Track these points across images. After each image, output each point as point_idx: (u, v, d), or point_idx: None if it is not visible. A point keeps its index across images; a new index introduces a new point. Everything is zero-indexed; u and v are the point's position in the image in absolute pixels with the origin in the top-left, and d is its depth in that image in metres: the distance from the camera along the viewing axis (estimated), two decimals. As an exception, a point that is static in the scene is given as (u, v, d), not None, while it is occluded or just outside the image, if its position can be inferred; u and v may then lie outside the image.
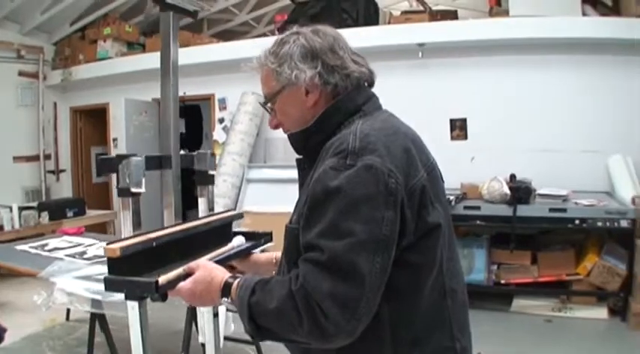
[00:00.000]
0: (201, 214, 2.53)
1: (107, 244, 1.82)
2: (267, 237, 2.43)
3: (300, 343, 1.62)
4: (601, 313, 6.48)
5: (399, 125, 1.81)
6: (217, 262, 2.04)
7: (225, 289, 1.75)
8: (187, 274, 1.89)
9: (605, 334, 6.20)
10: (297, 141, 1.88)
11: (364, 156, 1.58)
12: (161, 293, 1.84)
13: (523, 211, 6.48)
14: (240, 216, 2.57)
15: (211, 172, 2.61)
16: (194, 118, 12.04)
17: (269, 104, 1.92)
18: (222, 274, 1.83)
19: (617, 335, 6.06)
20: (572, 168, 7.56)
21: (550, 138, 7.74)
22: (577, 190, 7.17)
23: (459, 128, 8.06)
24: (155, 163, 2.28)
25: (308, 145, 1.86)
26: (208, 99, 9.76)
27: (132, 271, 1.83)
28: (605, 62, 7.66)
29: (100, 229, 8.72)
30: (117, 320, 4.17)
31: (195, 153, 2.54)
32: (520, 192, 6.56)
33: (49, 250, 5.06)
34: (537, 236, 7.03)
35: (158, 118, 10.17)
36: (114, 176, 2.47)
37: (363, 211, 1.53)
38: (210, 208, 2.61)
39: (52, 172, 11.00)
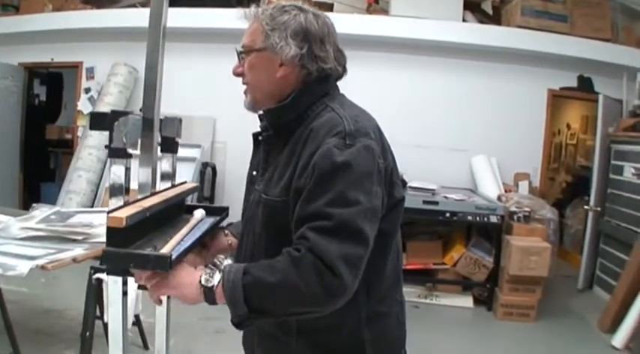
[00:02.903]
0: (164, 185, 2.45)
1: (109, 212, 1.69)
2: (227, 211, 2.41)
3: (296, 315, 1.70)
4: (466, 301, 6.88)
5: (366, 111, 1.96)
6: (198, 238, 2.02)
7: (206, 274, 1.68)
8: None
9: (472, 322, 6.59)
10: (275, 116, 1.93)
11: (360, 137, 1.73)
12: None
13: (398, 202, 6.65)
14: (197, 188, 2.55)
15: (178, 140, 2.54)
16: (54, 87, 11.54)
17: (243, 54, 1.97)
18: (197, 273, 1.73)
19: (483, 324, 6.47)
20: (440, 164, 8.02)
21: (421, 135, 8.15)
22: (444, 185, 7.57)
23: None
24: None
25: (280, 121, 1.93)
26: (76, 67, 9.38)
27: (125, 244, 1.69)
28: (479, 68, 8.21)
29: None
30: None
31: (162, 118, 2.46)
32: (396, 184, 6.74)
33: None
34: (404, 226, 7.21)
35: (23, 84, 9.84)
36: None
37: (366, 184, 1.69)
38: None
39: None
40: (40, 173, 10.76)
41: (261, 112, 2.01)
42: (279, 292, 1.61)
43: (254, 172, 2.04)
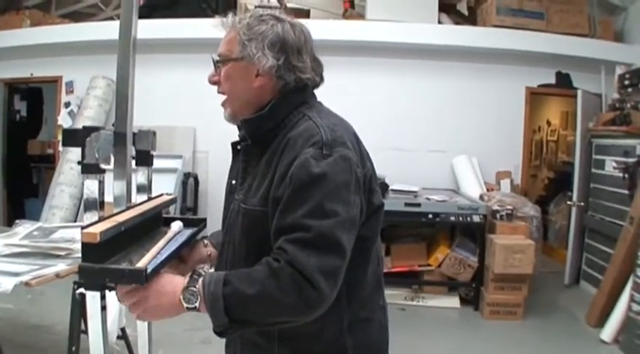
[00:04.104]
0: (140, 198, 2.44)
1: (83, 228, 1.68)
2: (204, 222, 2.38)
3: (277, 324, 1.71)
4: (453, 302, 6.90)
5: (343, 119, 1.97)
6: (175, 250, 2.02)
7: (189, 292, 1.68)
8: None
9: (459, 322, 6.59)
10: (253, 126, 1.93)
11: (337, 147, 1.73)
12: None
13: (380, 205, 6.64)
14: (174, 201, 2.54)
15: (152, 153, 2.52)
16: (35, 102, 11.50)
17: (219, 63, 1.96)
18: (177, 280, 1.75)
19: (471, 324, 6.47)
20: (421, 166, 8.06)
21: (401, 137, 8.20)
22: (426, 187, 7.58)
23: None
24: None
25: (259, 131, 1.92)
26: (55, 81, 9.36)
27: (100, 259, 1.69)
28: (456, 69, 8.26)
29: None
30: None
31: (136, 131, 2.45)
32: (377, 187, 6.73)
33: None
34: (388, 229, 7.28)
35: (3, 100, 9.91)
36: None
37: (343, 194, 1.69)
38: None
39: None
40: (24, 189, 10.75)
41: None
42: (258, 303, 1.62)
43: (233, 182, 2.04)
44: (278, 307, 1.62)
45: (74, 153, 8.17)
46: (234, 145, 2.06)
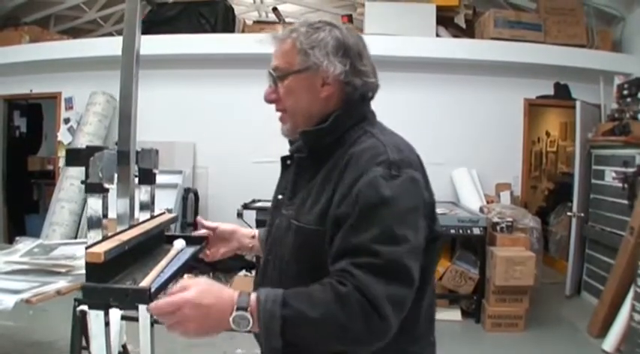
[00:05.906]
0: (142, 215, 2.43)
1: (87, 248, 1.66)
2: (206, 240, 2.33)
3: (334, 351, 1.61)
4: (454, 315, 6.86)
5: (405, 139, 1.88)
6: (178, 269, 1.98)
7: (239, 317, 1.55)
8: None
9: (461, 335, 6.54)
10: (312, 139, 1.84)
11: (405, 168, 1.65)
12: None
13: (380, 218, 6.65)
14: (175, 219, 2.53)
15: (155, 171, 2.51)
16: (34, 118, 11.52)
17: (278, 78, 1.84)
18: (227, 288, 1.63)
19: (473, 336, 6.45)
20: (421, 179, 7.97)
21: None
22: (425, 200, 7.54)
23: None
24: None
25: (318, 144, 1.83)
26: (54, 98, 9.36)
27: (104, 278, 1.67)
28: (454, 81, 8.29)
29: None
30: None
31: (139, 150, 2.44)
32: (377, 200, 6.73)
33: None
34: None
35: (3, 116, 9.87)
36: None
37: (412, 219, 1.62)
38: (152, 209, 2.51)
39: None
40: (24, 205, 10.73)
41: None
42: (322, 328, 1.54)
43: (280, 196, 1.96)
44: (340, 334, 1.54)
45: (74, 169, 8.16)
46: (283, 159, 1.99)
